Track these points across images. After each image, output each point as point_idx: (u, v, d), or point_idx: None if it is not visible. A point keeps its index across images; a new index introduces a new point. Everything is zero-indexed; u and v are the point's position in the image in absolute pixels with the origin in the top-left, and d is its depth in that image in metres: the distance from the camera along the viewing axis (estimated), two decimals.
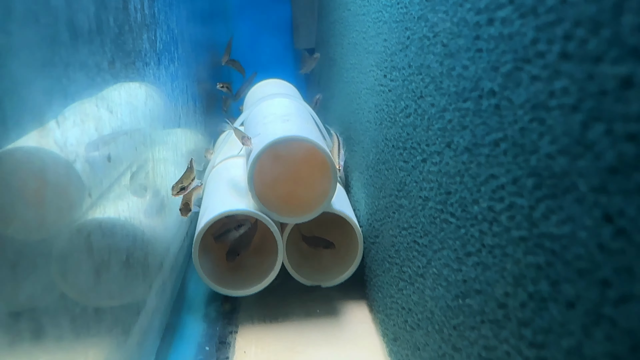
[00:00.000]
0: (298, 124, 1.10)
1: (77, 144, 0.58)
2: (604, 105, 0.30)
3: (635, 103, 0.27)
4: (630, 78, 0.27)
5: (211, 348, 0.93)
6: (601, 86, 0.30)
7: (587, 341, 0.32)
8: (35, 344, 0.46)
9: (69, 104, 0.56)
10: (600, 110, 0.30)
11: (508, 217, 0.42)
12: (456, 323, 0.55)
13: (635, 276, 0.28)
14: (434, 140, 0.62)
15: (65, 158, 0.55)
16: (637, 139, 0.27)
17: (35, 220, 0.49)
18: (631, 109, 0.27)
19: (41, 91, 0.50)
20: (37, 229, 0.50)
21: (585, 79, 0.31)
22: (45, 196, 0.50)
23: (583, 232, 0.32)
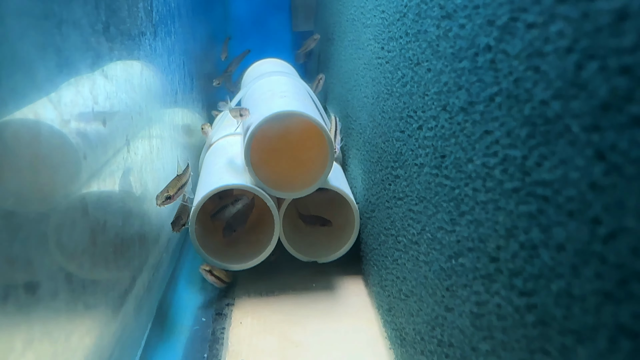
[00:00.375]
0: (296, 100, 1.09)
1: (73, 114, 0.58)
2: (598, 42, 0.30)
3: (630, 35, 0.27)
4: (625, 10, 0.27)
5: (207, 319, 0.94)
6: (596, 23, 0.30)
7: (576, 281, 0.32)
8: (32, 315, 0.46)
9: (62, 67, 0.56)
10: (594, 48, 0.30)
11: (501, 170, 0.43)
12: (449, 284, 0.55)
13: (626, 210, 0.28)
14: (430, 106, 0.62)
15: (60, 130, 0.55)
16: (631, 71, 0.27)
17: (32, 193, 0.49)
18: (625, 42, 0.27)
19: (34, 48, 0.49)
20: (35, 202, 0.50)
21: (581, 18, 0.31)
22: (42, 169, 0.50)
23: (575, 173, 0.32)
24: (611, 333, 0.29)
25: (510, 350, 0.41)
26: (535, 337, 0.37)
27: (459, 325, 0.52)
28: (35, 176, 0.49)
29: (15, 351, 0.43)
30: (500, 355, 0.43)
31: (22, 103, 0.47)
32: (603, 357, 0.30)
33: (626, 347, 0.28)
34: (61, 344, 0.51)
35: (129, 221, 0.76)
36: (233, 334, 0.89)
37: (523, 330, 0.39)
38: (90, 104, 0.64)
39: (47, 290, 0.49)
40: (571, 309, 0.33)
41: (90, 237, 0.62)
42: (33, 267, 0.48)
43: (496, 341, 0.44)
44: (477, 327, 0.47)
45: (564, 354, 0.34)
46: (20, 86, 0.48)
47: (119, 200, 0.74)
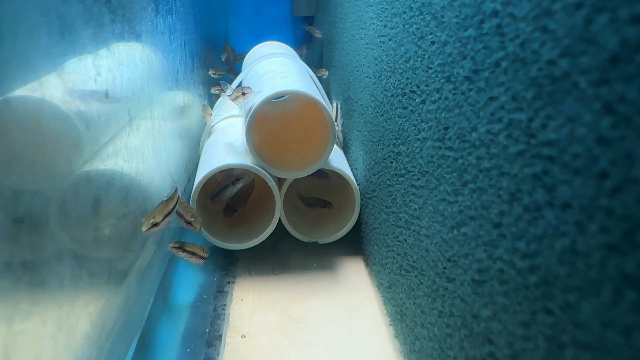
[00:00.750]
0: (297, 80, 1.09)
1: (76, 90, 0.58)
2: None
3: None
4: None
5: (209, 296, 0.94)
6: None
7: (581, 238, 0.32)
8: (38, 291, 0.47)
9: (64, 34, 0.56)
10: (604, 1, 0.30)
11: (506, 135, 0.42)
12: (450, 255, 0.55)
13: (634, 160, 0.28)
14: (434, 78, 0.62)
15: (63, 109, 0.55)
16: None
17: (36, 171, 0.49)
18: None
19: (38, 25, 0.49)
20: (37, 179, 0.50)
21: None
22: (46, 146, 0.50)
23: (582, 130, 0.32)
24: (616, 285, 0.29)
25: (512, 314, 0.41)
26: (538, 297, 0.37)
27: (460, 295, 0.52)
28: (39, 153, 0.49)
29: (21, 312, 0.43)
30: (502, 319, 0.43)
31: (26, 71, 0.47)
32: (607, 309, 0.30)
33: (631, 297, 0.28)
34: (65, 310, 0.51)
35: (131, 197, 0.76)
36: (234, 311, 0.89)
37: (525, 292, 0.39)
38: (92, 75, 0.63)
39: (52, 263, 0.49)
40: (575, 266, 0.33)
41: (93, 212, 0.62)
42: (38, 243, 0.48)
43: (497, 306, 0.44)
44: (479, 294, 0.48)
45: (567, 311, 0.34)
46: (24, 51, 0.47)
47: (122, 177, 0.74)
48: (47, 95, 0.50)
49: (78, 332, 0.56)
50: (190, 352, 0.77)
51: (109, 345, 0.64)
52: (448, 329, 0.55)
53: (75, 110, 0.58)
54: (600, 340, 0.30)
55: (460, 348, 0.52)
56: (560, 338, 0.35)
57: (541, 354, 0.37)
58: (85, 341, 0.58)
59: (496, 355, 0.44)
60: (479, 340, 0.47)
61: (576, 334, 0.33)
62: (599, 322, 0.31)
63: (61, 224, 0.54)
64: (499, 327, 0.43)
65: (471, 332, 0.49)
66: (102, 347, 0.63)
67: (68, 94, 0.56)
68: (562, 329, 0.34)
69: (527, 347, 0.39)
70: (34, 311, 0.45)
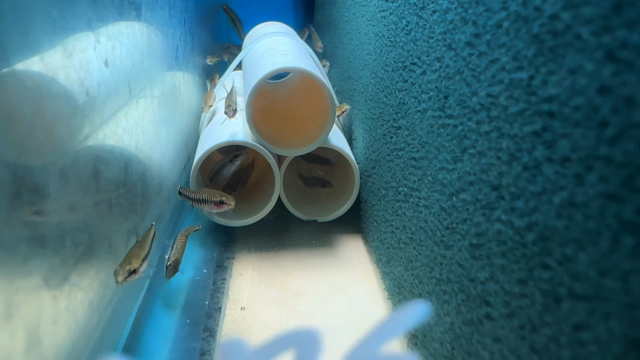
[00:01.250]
0: (297, 58, 1.09)
1: (73, 40, 0.58)
2: None
3: None
4: None
5: (209, 271, 0.94)
6: None
7: (580, 189, 0.32)
8: (39, 256, 0.47)
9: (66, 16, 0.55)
10: None
11: (507, 96, 0.42)
12: (448, 222, 0.55)
13: (634, 105, 0.28)
14: (435, 48, 0.61)
15: (62, 83, 0.55)
16: None
17: (36, 145, 0.49)
18: None
19: None
20: (38, 154, 0.50)
21: None
22: (44, 121, 0.50)
23: (583, 80, 0.32)
24: (614, 233, 0.29)
25: (509, 273, 0.41)
26: (536, 253, 0.37)
27: (457, 261, 0.53)
28: (39, 128, 0.49)
29: (24, 272, 0.43)
30: (499, 280, 0.43)
31: (27, 46, 0.47)
32: (605, 258, 0.30)
33: (629, 243, 0.28)
34: (70, 278, 0.52)
35: (132, 169, 0.76)
36: (234, 284, 0.89)
37: (522, 250, 0.39)
38: (92, 42, 0.63)
39: (55, 232, 0.50)
40: (573, 218, 0.33)
41: (93, 184, 0.62)
42: (41, 217, 0.48)
43: (495, 267, 0.44)
44: (476, 258, 0.48)
45: (564, 264, 0.34)
46: (21, 14, 0.47)
47: (123, 151, 0.74)
48: (47, 68, 0.50)
49: (79, 296, 0.57)
50: (190, 322, 0.78)
51: (109, 311, 0.64)
52: (445, 295, 0.56)
53: (75, 80, 0.58)
54: (597, 289, 0.31)
55: (457, 313, 0.52)
56: (556, 291, 0.35)
57: (537, 310, 0.37)
58: (87, 306, 0.59)
59: (492, 315, 0.44)
60: (476, 303, 0.48)
61: (573, 285, 0.33)
62: (596, 271, 0.31)
63: (62, 195, 0.54)
64: (496, 288, 0.44)
65: (468, 296, 0.50)
66: (103, 312, 0.64)
67: (71, 68, 0.55)
68: (558, 282, 0.35)
69: (523, 304, 0.39)
70: (37, 272, 0.45)
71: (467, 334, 0.49)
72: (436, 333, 0.58)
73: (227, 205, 0.87)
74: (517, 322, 0.40)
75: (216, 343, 0.73)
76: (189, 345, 0.72)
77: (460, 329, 0.51)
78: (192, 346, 0.72)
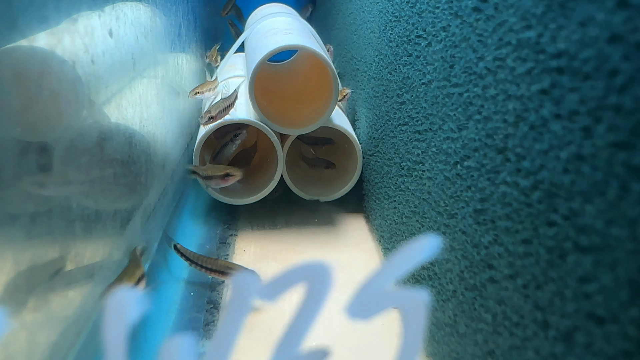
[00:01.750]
0: (300, 36, 1.08)
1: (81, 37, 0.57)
2: None
3: None
4: None
5: (212, 247, 0.95)
6: None
7: (587, 142, 0.32)
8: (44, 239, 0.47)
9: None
10: None
11: (514, 58, 0.42)
12: (452, 191, 0.55)
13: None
14: (440, 17, 0.61)
15: (65, 59, 0.54)
16: None
17: (38, 122, 0.49)
18: None
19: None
20: (41, 131, 0.50)
21: None
22: (48, 98, 0.50)
23: (594, 31, 0.31)
24: (622, 182, 0.29)
25: (514, 234, 0.41)
26: (541, 212, 0.37)
27: (461, 228, 0.53)
28: (45, 105, 0.49)
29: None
30: (503, 242, 0.43)
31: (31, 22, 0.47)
32: (612, 207, 0.30)
33: (638, 189, 0.28)
34: (73, 252, 0.52)
35: (135, 142, 0.76)
36: (236, 260, 0.90)
37: (528, 209, 0.39)
38: (96, 11, 0.63)
39: (61, 207, 0.50)
40: (580, 171, 0.33)
41: (98, 158, 0.62)
42: (47, 192, 0.48)
43: (499, 230, 0.44)
44: (480, 223, 0.48)
45: (570, 219, 0.34)
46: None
47: (127, 127, 0.74)
48: (54, 45, 0.50)
49: (85, 270, 0.57)
50: (194, 295, 0.78)
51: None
52: (448, 264, 0.56)
53: (82, 60, 0.57)
54: (604, 239, 0.31)
55: (460, 279, 0.52)
56: (561, 247, 0.35)
57: (542, 267, 0.37)
58: (91, 280, 0.59)
59: (495, 278, 0.44)
60: (479, 268, 0.48)
61: (579, 239, 0.33)
62: (602, 222, 0.31)
63: (72, 170, 0.54)
64: (500, 250, 0.44)
65: (471, 262, 0.50)
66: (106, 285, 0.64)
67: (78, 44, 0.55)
68: (564, 237, 0.35)
69: (527, 263, 0.39)
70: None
71: (469, 300, 0.50)
72: (438, 302, 0.58)
73: (233, 178, 0.87)
74: (521, 282, 0.40)
75: (219, 314, 0.73)
76: (193, 316, 0.73)
77: (462, 295, 0.51)
78: (196, 317, 0.72)
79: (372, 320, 0.24)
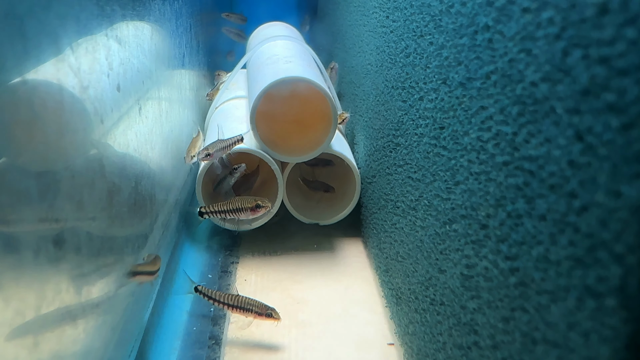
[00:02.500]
0: (300, 66, 1.11)
1: (89, 72, 0.61)
2: (582, 32, 0.32)
3: (609, 29, 0.30)
4: (606, 5, 0.30)
5: (214, 276, 0.99)
6: (582, 14, 0.32)
7: (553, 248, 0.36)
8: (44, 269, 0.50)
9: (81, 31, 0.58)
10: (579, 37, 0.33)
11: (494, 144, 0.46)
12: (442, 248, 0.59)
13: (597, 186, 0.31)
14: (431, 78, 0.64)
15: (72, 91, 0.58)
16: (608, 61, 0.30)
17: (44, 152, 0.52)
18: (605, 34, 0.30)
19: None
20: (47, 160, 0.53)
21: (569, 8, 0.33)
22: (54, 128, 0.53)
23: (557, 151, 0.35)
24: (579, 293, 0.33)
25: (495, 309, 0.45)
26: (516, 296, 0.41)
27: (450, 286, 0.56)
28: (59, 137, 0.52)
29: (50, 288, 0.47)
30: (486, 313, 0.47)
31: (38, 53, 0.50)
32: (572, 314, 0.34)
33: (591, 305, 0.32)
34: (84, 286, 0.56)
35: (141, 181, 0.80)
36: (239, 290, 0.94)
37: (506, 290, 0.43)
38: (105, 70, 0.66)
39: (72, 245, 0.53)
40: (548, 272, 0.37)
41: (107, 196, 0.66)
42: (59, 224, 0.51)
43: (482, 300, 0.48)
44: (466, 288, 0.52)
45: (540, 311, 0.38)
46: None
47: (132, 162, 0.77)
48: (63, 75, 0.53)
49: (95, 315, 0.61)
50: (197, 330, 0.82)
51: (121, 325, 0.69)
52: (439, 316, 0.60)
53: (91, 96, 0.61)
54: (565, 340, 0.34)
55: (449, 335, 0.56)
56: (533, 335, 0.39)
57: (517, 347, 0.41)
58: (100, 322, 0.63)
59: (480, 344, 0.48)
60: (466, 330, 0.52)
61: (546, 332, 0.37)
62: (565, 323, 0.35)
63: (80, 205, 0.58)
64: (483, 320, 0.48)
65: (459, 321, 0.53)
66: (115, 327, 0.68)
67: (86, 85, 0.58)
68: (535, 326, 0.38)
69: (506, 340, 0.43)
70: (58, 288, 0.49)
71: (457, 357, 0.53)
72: (430, 350, 0.62)
73: (264, 209, 0.88)
74: (501, 355, 0.44)
75: (221, 351, 0.78)
76: (195, 353, 0.77)
77: (451, 350, 0.55)
78: (199, 354, 0.76)
79: None
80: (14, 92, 0.45)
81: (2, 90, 0.45)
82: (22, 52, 0.46)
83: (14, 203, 0.44)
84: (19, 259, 0.44)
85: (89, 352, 0.58)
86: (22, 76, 0.46)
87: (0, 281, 0.43)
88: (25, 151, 0.48)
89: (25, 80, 0.46)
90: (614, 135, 0.29)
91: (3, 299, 0.41)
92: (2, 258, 0.43)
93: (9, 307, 0.42)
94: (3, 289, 0.43)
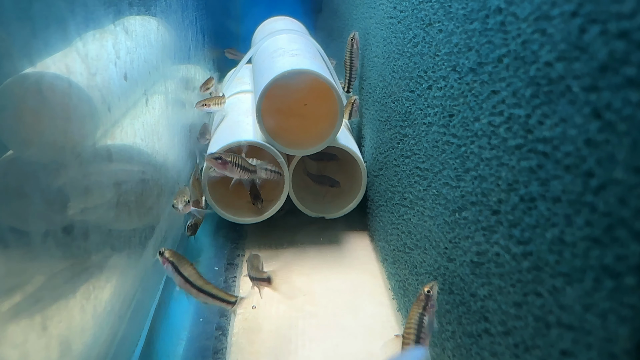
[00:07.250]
0: (306, 58, 1.11)
1: (96, 59, 0.60)
2: (600, 7, 0.32)
3: (630, 1, 0.29)
4: None
5: (220, 268, 0.98)
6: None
7: (569, 229, 0.35)
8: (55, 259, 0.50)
9: (88, 22, 0.58)
10: (597, 13, 0.32)
11: (506, 128, 0.45)
12: (452, 236, 0.59)
13: (616, 163, 0.30)
14: (440, 66, 0.64)
15: (79, 84, 0.58)
16: (628, 35, 0.30)
17: (51, 143, 0.52)
18: (625, 8, 0.30)
19: None
20: (54, 152, 0.53)
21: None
22: (61, 120, 0.53)
23: (573, 130, 0.34)
24: (596, 274, 0.32)
25: (506, 294, 0.45)
26: (529, 281, 0.41)
27: (459, 274, 0.56)
28: (67, 127, 0.52)
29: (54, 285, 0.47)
30: (497, 299, 0.46)
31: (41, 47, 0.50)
32: (588, 295, 0.33)
33: (609, 285, 0.31)
34: (92, 282, 0.56)
35: (148, 172, 0.80)
36: (243, 282, 0.93)
37: (518, 275, 0.43)
38: (112, 58, 0.66)
39: (79, 232, 0.53)
40: (563, 254, 0.36)
41: (114, 185, 0.65)
42: (67, 212, 0.51)
43: (493, 287, 0.47)
44: (477, 275, 0.51)
45: (554, 294, 0.37)
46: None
47: (139, 152, 0.77)
48: (73, 70, 0.53)
49: (103, 303, 0.61)
50: (203, 321, 0.82)
51: (129, 314, 0.69)
52: (448, 305, 0.59)
53: (99, 85, 0.61)
54: (581, 322, 0.34)
55: (458, 324, 0.55)
56: (547, 318, 0.38)
57: (530, 332, 0.40)
58: (109, 309, 0.63)
59: (490, 331, 0.48)
60: (476, 317, 0.51)
61: (561, 315, 0.36)
62: (580, 305, 0.34)
63: (88, 193, 0.58)
64: (494, 306, 0.47)
65: (469, 309, 0.53)
66: (123, 316, 0.68)
67: (94, 72, 0.58)
68: (549, 310, 0.38)
69: (518, 325, 0.42)
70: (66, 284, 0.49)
71: (467, 345, 0.53)
72: (439, 339, 0.61)
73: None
74: (512, 341, 0.43)
75: (228, 342, 0.77)
76: (202, 344, 0.76)
77: (460, 338, 0.55)
78: (206, 345, 0.76)
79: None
80: (21, 84, 0.45)
81: (10, 83, 0.45)
82: (31, 36, 0.46)
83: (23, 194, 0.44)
84: (29, 246, 0.44)
85: (96, 340, 0.57)
86: (32, 66, 0.46)
87: (11, 268, 0.43)
88: (32, 142, 0.48)
89: (29, 74, 0.46)
90: (634, 110, 0.29)
91: (11, 287, 0.41)
92: (14, 248, 0.42)
93: (19, 291, 0.42)
94: (13, 275, 0.43)
